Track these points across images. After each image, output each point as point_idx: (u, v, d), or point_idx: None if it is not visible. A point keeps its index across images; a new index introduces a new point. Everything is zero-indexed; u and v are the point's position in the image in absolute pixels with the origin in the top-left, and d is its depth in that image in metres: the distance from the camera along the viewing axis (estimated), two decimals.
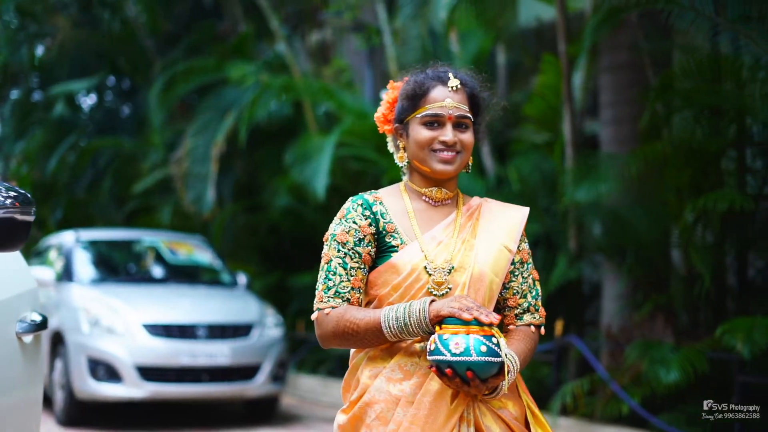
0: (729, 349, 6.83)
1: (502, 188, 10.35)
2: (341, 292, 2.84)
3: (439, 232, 2.91)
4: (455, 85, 2.91)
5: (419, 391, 2.78)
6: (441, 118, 2.88)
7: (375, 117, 3.14)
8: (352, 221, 2.89)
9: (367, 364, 2.87)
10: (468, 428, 2.78)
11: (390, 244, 2.89)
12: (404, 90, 2.98)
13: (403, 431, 2.75)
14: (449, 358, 2.61)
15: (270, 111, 12.15)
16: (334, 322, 2.81)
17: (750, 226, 7.90)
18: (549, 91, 9.93)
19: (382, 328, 2.75)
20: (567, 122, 9.40)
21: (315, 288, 2.91)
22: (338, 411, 2.95)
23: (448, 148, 2.87)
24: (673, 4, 6.67)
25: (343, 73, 13.30)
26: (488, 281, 2.87)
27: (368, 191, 3.00)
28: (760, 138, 7.91)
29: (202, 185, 12.48)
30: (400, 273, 2.84)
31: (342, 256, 2.86)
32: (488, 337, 2.63)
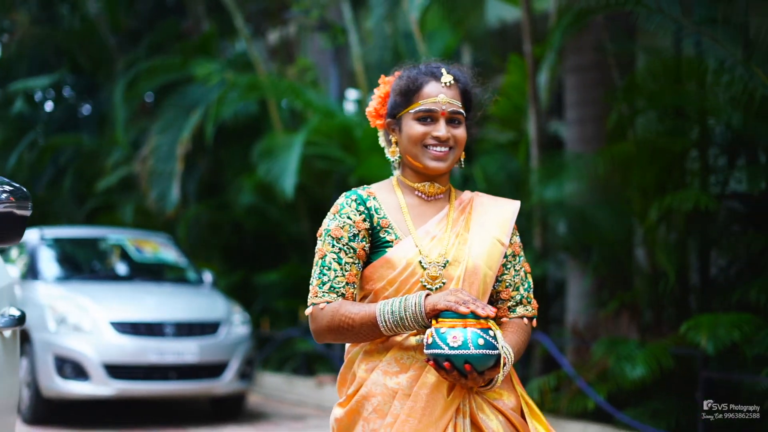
0: (693, 345, 6.97)
1: (467, 187, 10.32)
2: (336, 287, 2.84)
3: (433, 226, 2.92)
4: (448, 81, 2.92)
5: (416, 383, 2.79)
6: (434, 114, 2.89)
7: (366, 111, 3.14)
8: (346, 216, 2.89)
9: (364, 358, 2.88)
10: (464, 420, 2.80)
11: (384, 239, 2.90)
12: (397, 85, 2.98)
13: (400, 424, 2.77)
14: (447, 352, 2.63)
15: (235, 109, 12.15)
16: (329, 317, 2.81)
17: (712, 225, 8.06)
18: (514, 91, 10.05)
19: (377, 322, 2.75)
20: (532, 122, 9.51)
21: (309, 283, 2.91)
22: (335, 405, 2.96)
23: (441, 144, 2.88)
24: (641, 7, 6.79)
25: (308, 71, 13.33)
26: (482, 274, 2.89)
27: (361, 186, 3.00)
28: (722, 139, 8.06)
29: (167, 183, 12.47)
30: (396, 268, 2.85)
31: (337, 252, 2.86)
32: (485, 330, 2.66)
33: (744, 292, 7.09)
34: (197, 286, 10.69)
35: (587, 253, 8.86)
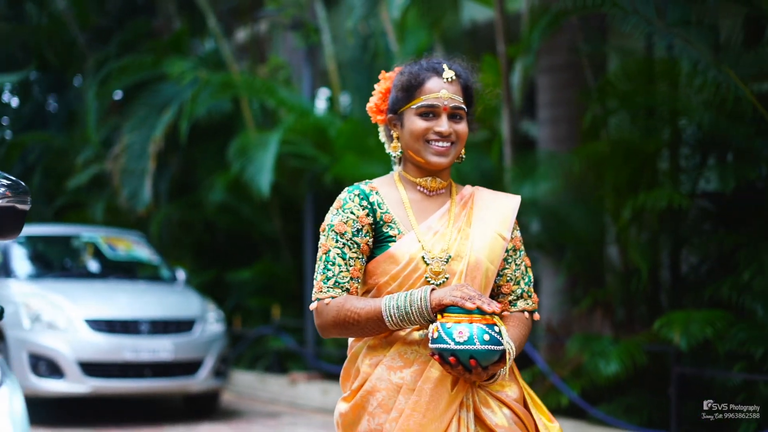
0: (666, 341, 7.09)
1: None
2: (340, 282, 2.85)
3: (435, 221, 2.93)
4: (450, 77, 2.93)
5: (420, 378, 2.81)
6: (436, 109, 2.90)
7: (367, 107, 3.14)
8: (349, 212, 2.89)
9: (367, 353, 2.90)
10: (468, 413, 2.83)
11: (387, 234, 2.90)
12: (399, 81, 2.99)
13: (405, 418, 2.79)
14: (453, 347, 2.64)
15: (209, 108, 12.16)
16: (335, 312, 2.83)
17: (684, 224, 8.20)
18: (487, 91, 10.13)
19: (383, 317, 2.77)
20: (505, 121, 9.60)
21: (313, 278, 2.91)
22: (339, 399, 2.97)
23: (443, 139, 2.90)
24: (618, 8, 6.89)
25: (281, 70, 13.35)
26: (484, 269, 2.91)
27: (363, 181, 3.00)
28: (693, 139, 8.19)
29: (139, 181, 12.45)
30: (399, 263, 2.87)
31: (341, 247, 2.87)
32: (490, 325, 2.68)
33: (716, 290, 7.23)
34: (171, 284, 10.70)
35: (561, 251, 8.97)
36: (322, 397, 10.55)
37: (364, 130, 10.74)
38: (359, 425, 2.87)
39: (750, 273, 6.94)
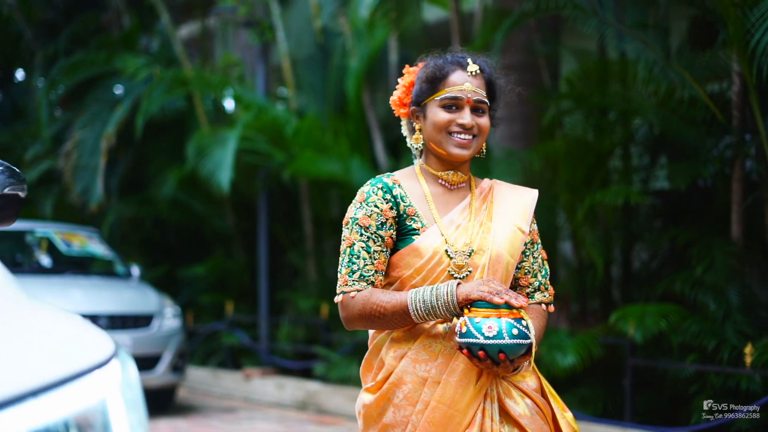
0: (621, 334, 7.30)
1: None
2: (365, 275, 2.87)
3: (457, 215, 2.95)
4: (474, 70, 2.95)
5: (445, 371, 2.84)
6: (460, 102, 2.92)
7: (390, 100, 3.17)
8: (373, 205, 2.90)
9: (391, 345, 2.93)
10: (492, 404, 2.86)
11: (411, 227, 2.92)
12: (423, 73, 3.01)
13: (431, 411, 2.82)
14: (482, 341, 2.66)
15: (162, 104, 12.15)
16: (361, 305, 2.84)
17: (636, 221, 8.43)
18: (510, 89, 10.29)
19: (409, 310, 2.78)
20: None
21: (338, 272, 2.93)
22: (362, 390, 3.00)
23: (466, 131, 2.91)
24: (579, 11, 7.08)
25: (236, 67, 13.37)
26: (505, 262, 2.92)
27: (384, 174, 3.02)
28: (645, 138, 8.42)
29: (91, 178, 12.40)
30: (423, 256, 2.88)
31: (365, 240, 2.89)
32: (518, 320, 2.69)
33: (669, 284, 7.45)
34: (126, 280, 10.70)
35: None
36: (277, 392, 10.63)
37: (321, 127, 10.85)
38: (384, 417, 2.90)
39: (702, 268, 7.17)
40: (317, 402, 10.00)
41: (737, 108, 7.14)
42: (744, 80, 6.91)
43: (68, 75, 13.32)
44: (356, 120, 10.86)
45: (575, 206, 8.24)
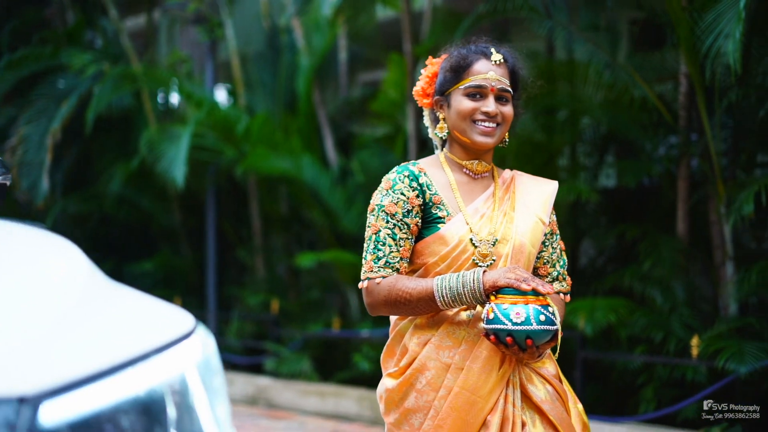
0: (571, 327, 7.50)
1: (346, 180, 10.77)
2: (391, 262, 2.89)
3: (481, 204, 2.98)
4: (498, 59, 2.98)
5: (469, 357, 2.87)
6: (484, 90, 2.94)
7: (413, 91, 3.17)
8: (399, 192, 2.93)
9: (415, 331, 2.95)
10: (515, 391, 2.90)
11: (436, 215, 2.94)
12: (447, 63, 3.04)
13: (454, 396, 2.85)
14: (510, 327, 2.69)
15: (111, 100, 12.10)
16: (386, 291, 2.86)
17: (583, 217, 8.66)
18: (393, 88, 10.45)
19: (434, 297, 2.80)
20: (410, 118, 9.93)
21: (363, 258, 2.96)
22: (384, 375, 3.03)
23: (490, 119, 2.94)
24: (534, 13, 7.28)
25: (184, 64, 13.35)
26: (527, 252, 2.96)
27: (410, 162, 3.03)
28: (592, 137, 8.66)
29: (37, 174, 12.31)
30: (448, 244, 2.91)
31: (391, 227, 2.90)
32: (545, 306, 2.73)
33: (617, 279, 7.69)
34: None
35: None
36: (227, 388, 10.68)
37: (272, 124, 10.92)
38: (406, 401, 2.93)
39: (650, 263, 7.42)
40: (268, 397, 10.08)
41: (684, 108, 7.40)
42: (691, 82, 7.16)
43: (12, 70, 13.17)
44: (307, 117, 10.96)
45: None
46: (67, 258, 1.73)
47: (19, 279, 1.59)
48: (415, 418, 2.92)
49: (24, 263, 1.67)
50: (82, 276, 1.70)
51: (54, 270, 1.67)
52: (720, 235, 7.16)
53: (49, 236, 1.79)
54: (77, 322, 1.52)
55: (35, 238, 1.79)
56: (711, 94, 7.06)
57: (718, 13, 6.02)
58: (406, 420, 2.94)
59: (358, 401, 9.02)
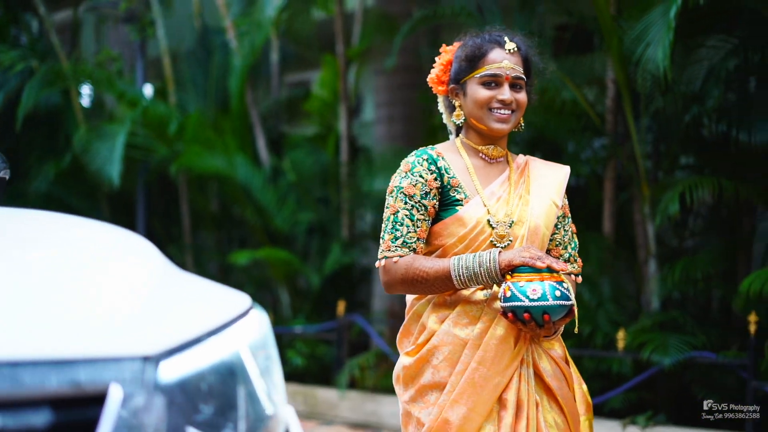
0: None
1: (278, 179, 10.89)
2: (408, 242, 2.97)
3: (497, 187, 3.07)
4: (512, 48, 3.08)
5: (485, 335, 2.94)
6: (499, 78, 3.03)
7: (428, 78, 3.25)
8: (418, 175, 3.00)
9: (433, 310, 3.03)
10: (528, 369, 2.98)
11: (454, 198, 3.02)
12: (462, 52, 3.13)
13: (471, 372, 2.93)
14: (527, 304, 2.78)
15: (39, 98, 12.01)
16: (403, 270, 2.94)
17: None
18: (326, 89, 10.63)
19: (451, 276, 2.88)
20: (342, 118, 10.13)
21: (380, 237, 3.04)
22: (401, 355, 3.10)
23: (505, 107, 3.03)
24: (472, 18, 7.54)
25: (115, 62, 13.31)
26: (542, 234, 3.05)
27: (428, 146, 3.12)
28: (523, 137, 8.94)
29: None
30: (467, 226, 2.99)
31: (409, 208, 2.98)
32: (559, 282, 2.82)
33: None
34: None
35: None
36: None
37: (205, 123, 11.00)
38: (422, 378, 3.01)
39: None
40: None
41: (611, 113, 7.73)
42: (618, 87, 7.49)
43: None
44: (239, 117, 11.06)
45: None
46: (148, 250, 1.93)
47: (122, 267, 1.81)
48: (431, 394, 2.99)
49: (121, 255, 1.88)
50: (162, 265, 1.91)
51: (143, 259, 1.89)
52: (644, 234, 7.49)
53: (130, 234, 1.99)
54: (170, 299, 1.76)
55: (121, 234, 1.99)
56: (637, 100, 7.39)
57: (648, 23, 6.33)
58: (421, 397, 3.01)
59: (292, 396, 9.17)
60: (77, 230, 2.02)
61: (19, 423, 1.38)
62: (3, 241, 1.85)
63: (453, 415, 2.92)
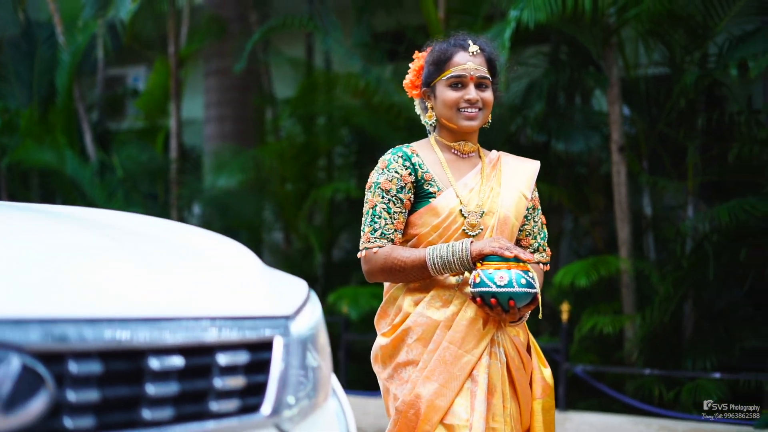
0: (337, 313, 8.26)
1: (105, 175, 10.97)
2: (386, 233, 3.16)
3: (470, 179, 3.26)
4: (475, 50, 3.25)
5: (457, 316, 3.16)
6: (464, 79, 3.22)
7: (403, 84, 3.45)
8: (394, 171, 3.20)
9: (408, 293, 3.23)
10: (499, 349, 3.19)
11: (428, 190, 3.21)
12: (430, 57, 3.31)
13: (442, 350, 3.13)
14: (494, 290, 2.97)
15: None
16: (382, 260, 3.14)
17: (339, 214, 9.52)
18: (157, 88, 10.84)
19: (427, 264, 3.09)
20: (173, 117, 10.37)
21: (361, 230, 3.23)
22: (379, 335, 3.29)
23: (472, 106, 3.22)
24: (318, 30, 8.06)
25: None
26: (511, 224, 3.25)
27: (404, 144, 3.31)
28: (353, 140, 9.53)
29: None
30: (440, 215, 3.18)
31: (386, 202, 3.17)
32: (525, 272, 3.01)
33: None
34: None
35: (234, 236, 9.91)
36: None
37: (34, 117, 10.99)
38: (398, 356, 3.21)
39: None
40: None
41: None
42: None
43: None
44: (66, 112, 11.07)
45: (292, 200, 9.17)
46: (244, 249, 2.40)
47: (244, 260, 2.33)
48: (405, 371, 3.20)
49: (228, 255, 2.36)
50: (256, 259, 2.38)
51: (246, 253, 2.37)
52: None
53: (224, 237, 2.51)
54: (273, 281, 2.31)
55: (219, 238, 2.51)
56: None
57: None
58: (397, 374, 3.22)
59: None
60: (192, 235, 2.50)
61: (233, 360, 1.91)
62: (151, 243, 2.30)
63: (424, 391, 3.12)
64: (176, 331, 1.78)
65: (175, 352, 1.78)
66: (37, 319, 1.59)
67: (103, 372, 1.64)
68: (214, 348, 1.87)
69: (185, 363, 1.79)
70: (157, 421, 1.72)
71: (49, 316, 1.61)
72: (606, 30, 7.13)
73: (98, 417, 1.63)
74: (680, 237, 7.40)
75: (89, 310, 1.67)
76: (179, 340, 1.78)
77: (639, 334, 7.14)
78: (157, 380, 1.73)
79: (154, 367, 1.73)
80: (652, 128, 7.69)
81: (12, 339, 1.54)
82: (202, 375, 1.84)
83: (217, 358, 1.86)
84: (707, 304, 7.59)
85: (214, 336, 1.86)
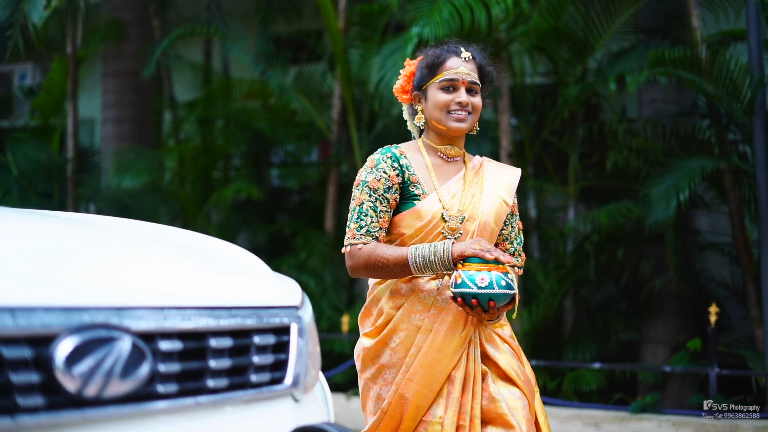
0: None
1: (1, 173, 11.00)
2: (371, 231, 3.24)
3: (453, 185, 3.34)
4: (467, 56, 3.36)
5: (437, 320, 3.25)
6: (456, 83, 3.32)
7: (394, 89, 3.53)
8: (382, 171, 3.27)
9: (390, 296, 3.34)
10: (475, 349, 3.30)
11: (413, 192, 3.29)
12: (423, 61, 3.41)
13: (423, 354, 3.24)
14: (476, 291, 3.03)
15: None
16: (366, 256, 3.21)
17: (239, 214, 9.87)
18: (54, 87, 10.94)
19: (409, 263, 3.16)
20: (70, 116, 10.50)
21: (347, 226, 3.30)
22: (362, 335, 3.40)
23: (462, 108, 3.30)
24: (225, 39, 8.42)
25: None
26: (490, 229, 3.33)
27: (392, 145, 3.37)
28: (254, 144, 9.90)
29: None
30: (423, 219, 3.26)
31: (373, 201, 3.25)
32: (505, 273, 3.07)
33: (275, 267, 8.96)
34: None
35: None
36: None
37: None
38: (381, 358, 3.32)
39: (305, 254, 8.78)
40: None
41: (337, 124, 8.87)
42: (344, 103, 8.64)
43: None
44: None
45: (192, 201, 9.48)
46: (252, 254, 2.81)
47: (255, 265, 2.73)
48: (388, 373, 3.31)
49: (247, 259, 2.77)
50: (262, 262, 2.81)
51: (255, 257, 2.80)
52: None
53: (236, 246, 2.91)
54: (280, 279, 2.72)
55: (234, 246, 2.90)
56: (360, 116, 8.58)
57: (388, 52, 7.46)
58: (380, 375, 3.33)
59: None
60: (216, 243, 2.89)
61: (265, 341, 2.35)
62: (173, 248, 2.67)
63: (408, 392, 3.24)
64: (228, 318, 2.20)
65: (227, 334, 2.19)
66: (143, 307, 2.02)
67: (182, 349, 2.07)
68: (252, 331, 2.28)
69: (233, 343, 2.20)
70: (218, 388, 2.14)
71: (149, 305, 2.04)
72: (497, 44, 7.69)
73: (179, 384, 2.05)
74: (563, 237, 8.03)
75: (173, 301, 2.10)
76: (231, 325, 2.20)
77: (525, 327, 7.71)
78: (216, 357, 2.15)
79: (214, 345, 2.14)
80: (537, 136, 8.32)
81: (125, 324, 1.96)
82: (245, 353, 2.26)
83: (254, 339, 2.28)
84: (585, 299, 8.25)
85: (253, 322, 2.28)
